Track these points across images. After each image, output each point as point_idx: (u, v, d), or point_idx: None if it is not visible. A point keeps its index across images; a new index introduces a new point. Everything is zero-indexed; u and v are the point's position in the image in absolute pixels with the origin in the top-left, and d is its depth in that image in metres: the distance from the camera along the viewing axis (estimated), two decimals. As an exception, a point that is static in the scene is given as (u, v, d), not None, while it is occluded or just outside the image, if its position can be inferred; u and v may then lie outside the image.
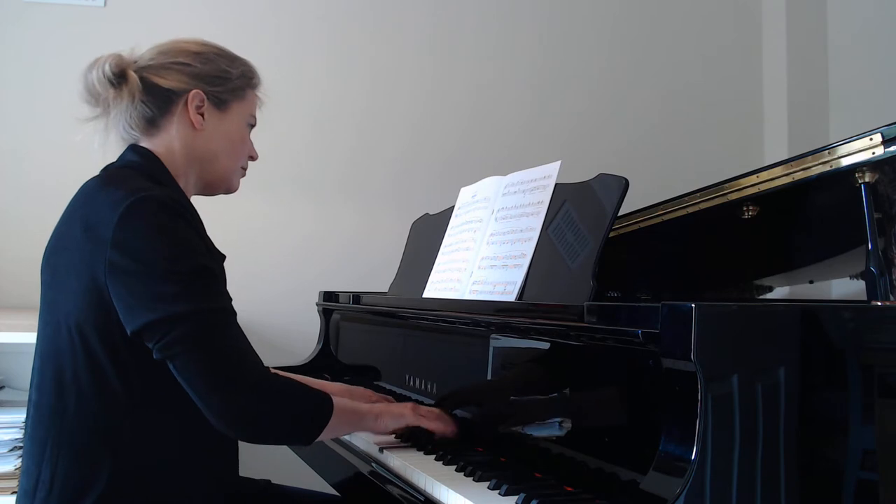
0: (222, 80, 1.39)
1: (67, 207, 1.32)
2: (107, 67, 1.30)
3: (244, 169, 1.48)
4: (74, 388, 1.20)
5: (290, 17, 2.82)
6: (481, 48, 3.00)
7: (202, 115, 1.37)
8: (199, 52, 1.38)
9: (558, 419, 1.26)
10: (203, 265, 1.21)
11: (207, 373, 1.16)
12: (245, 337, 1.24)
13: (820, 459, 1.03)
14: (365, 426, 1.41)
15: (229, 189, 1.47)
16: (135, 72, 1.32)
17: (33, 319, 2.08)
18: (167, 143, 1.36)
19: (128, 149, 1.37)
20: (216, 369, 1.16)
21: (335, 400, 1.30)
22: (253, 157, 1.49)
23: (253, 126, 1.47)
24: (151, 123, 1.35)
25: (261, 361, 1.24)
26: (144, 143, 1.36)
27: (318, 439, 1.29)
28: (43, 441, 1.22)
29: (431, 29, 2.96)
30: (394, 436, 1.49)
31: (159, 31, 2.68)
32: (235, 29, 2.76)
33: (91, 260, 1.18)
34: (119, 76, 1.31)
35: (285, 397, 1.23)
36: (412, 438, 1.48)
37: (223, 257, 1.35)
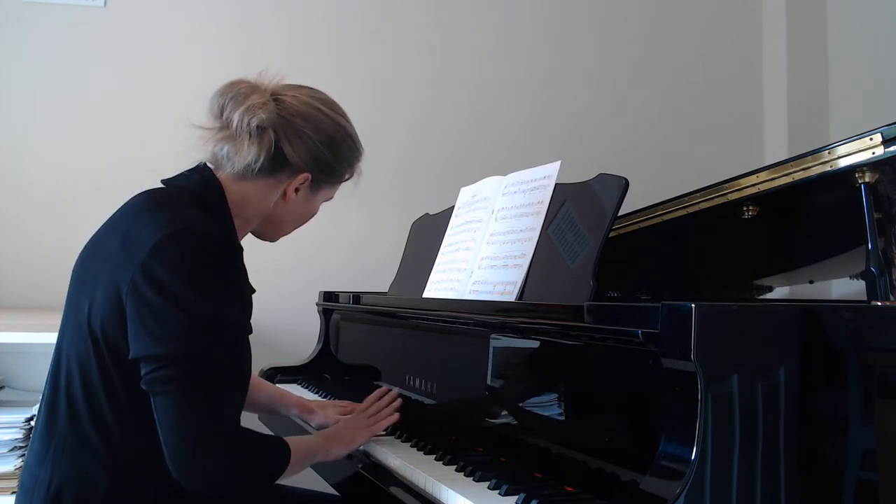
0: (335, 173, 1.40)
1: (113, 216, 1.30)
2: (254, 121, 1.27)
3: None
4: (84, 391, 1.21)
5: (290, 17, 2.82)
6: (481, 48, 3.00)
7: (297, 190, 1.37)
8: (334, 139, 1.36)
9: (558, 419, 1.26)
10: (217, 314, 1.18)
11: (180, 421, 1.14)
12: (231, 389, 1.22)
13: (820, 459, 1.03)
14: (318, 460, 1.42)
15: (272, 241, 1.48)
16: (272, 124, 1.29)
17: (33, 319, 2.10)
18: (249, 192, 1.34)
19: (198, 170, 1.34)
20: (190, 421, 1.14)
21: (291, 446, 1.29)
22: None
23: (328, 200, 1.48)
24: (249, 172, 1.31)
25: (236, 418, 1.22)
26: (225, 176, 1.33)
27: None
28: (48, 439, 1.23)
29: (431, 29, 2.96)
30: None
31: (159, 31, 2.71)
32: (235, 29, 2.77)
33: (120, 274, 1.17)
34: (261, 131, 1.28)
35: (246, 459, 1.21)
36: None
37: (252, 291, 1.34)
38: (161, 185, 1.34)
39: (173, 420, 1.14)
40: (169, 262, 1.16)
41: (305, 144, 1.33)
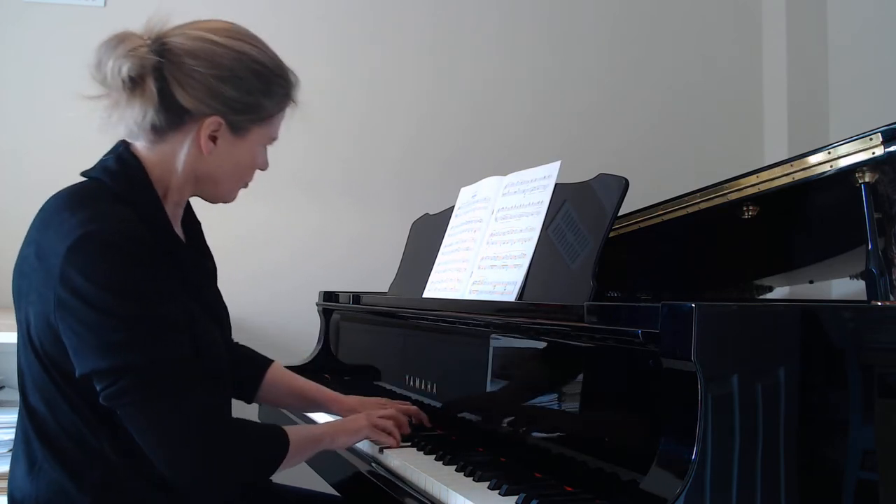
0: (253, 109, 1.24)
1: (32, 223, 1.22)
2: (125, 69, 1.14)
3: (247, 183, 1.35)
4: (46, 407, 1.16)
5: (290, 17, 2.82)
6: (482, 48, 3.00)
7: (214, 139, 1.22)
8: (234, 70, 1.20)
9: (558, 419, 1.26)
10: (153, 312, 1.11)
11: (154, 428, 1.10)
12: (198, 382, 1.14)
13: (820, 459, 1.03)
14: (322, 448, 1.36)
15: (225, 202, 1.34)
16: (155, 71, 1.16)
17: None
18: (167, 156, 1.23)
19: (114, 152, 1.24)
20: (163, 425, 1.10)
21: (290, 433, 1.24)
22: (262, 169, 1.34)
23: (271, 142, 1.33)
24: (156, 133, 1.20)
25: (212, 409, 1.15)
26: (142, 146, 1.23)
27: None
28: (28, 453, 1.18)
29: (431, 29, 2.96)
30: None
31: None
32: (235, 29, 2.76)
33: (44, 293, 1.11)
34: (137, 81, 1.16)
35: (238, 447, 1.17)
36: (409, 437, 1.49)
37: (212, 268, 1.30)
38: (81, 180, 1.25)
39: (145, 430, 1.11)
40: (83, 268, 1.08)
41: (201, 84, 1.18)
